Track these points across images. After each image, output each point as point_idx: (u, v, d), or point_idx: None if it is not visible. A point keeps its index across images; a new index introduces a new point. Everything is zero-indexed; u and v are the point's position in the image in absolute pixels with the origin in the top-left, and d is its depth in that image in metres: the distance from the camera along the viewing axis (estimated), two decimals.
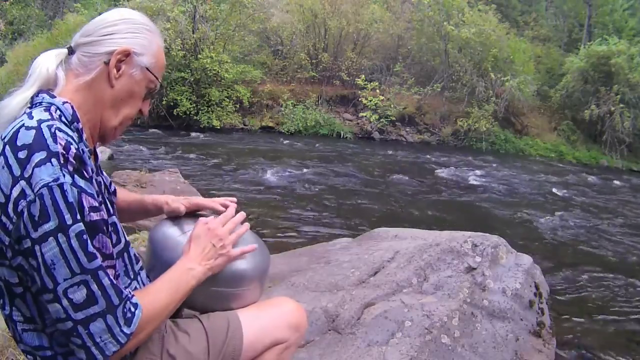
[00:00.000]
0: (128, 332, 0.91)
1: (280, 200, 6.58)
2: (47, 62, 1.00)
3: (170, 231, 1.23)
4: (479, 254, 2.47)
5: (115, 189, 1.30)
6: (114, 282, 0.91)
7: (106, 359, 0.91)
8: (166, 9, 13.38)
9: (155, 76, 1.08)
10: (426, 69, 17.32)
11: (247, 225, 1.24)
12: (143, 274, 1.15)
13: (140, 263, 1.17)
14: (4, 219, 0.87)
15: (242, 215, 1.24)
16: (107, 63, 1.01)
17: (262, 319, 1.21)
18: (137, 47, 1.03)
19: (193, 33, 13.91)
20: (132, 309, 0.93)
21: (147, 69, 1.06)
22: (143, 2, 13.22)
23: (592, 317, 3.81)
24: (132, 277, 1.09)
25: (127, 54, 1.02)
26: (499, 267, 2.47)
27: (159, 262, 1.19)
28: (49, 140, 0.87)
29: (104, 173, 1.26)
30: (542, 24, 22.86)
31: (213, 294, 1.17)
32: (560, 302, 3.95)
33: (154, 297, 1.00)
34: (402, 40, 17.45)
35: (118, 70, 1.02)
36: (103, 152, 8.35)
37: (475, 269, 2.41)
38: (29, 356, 0.99)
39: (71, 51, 1.03)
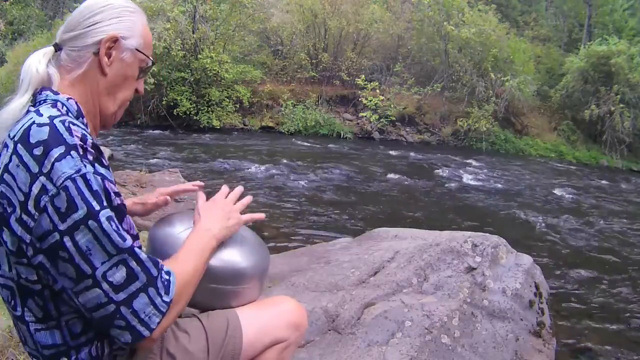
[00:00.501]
0: (168, 299, 0.93)
1: (280, 200, 6.58)
2: (36, 63, 1.00)
3: (170, 228, 1.23)
4: (479, 254, 2.48)
5: None
6: (148, 255, 0.94)
7: (151, 333, 0.92)
8: (166, 9, 13.35)
9: (145, 55, 1.09)
10: (426, 69, 17.31)
11: (249, 197, 1.28)
12: None
13: None
14: (24, 217, 0.87)
15: (240, 189, 1.27)
16: (96, 53, 1.01)
17: (261, 318, 1.21)
18: (123, 31, 1.04)
19: (193, 33, 13.89)
20: (167, 277, 0.95)
21: (137, 49, 1.06)
22: (143, 2, 13.21)
23: (592, 317, 3.81)
24: None
25: (114, 40, 1.02)
26: (499, 267, 2.47)
27: (159, 259, 1.19)
28: (65, 134, 0.88)
29: None
30: (542, 24, 22.85)
31: (212, 291, 1.17)
32: (560, 302, 3.95)
33: (182, 263, 1.02)
34: (402, 40, 17.43)
35: (109, 58, 1.02)
36: (103, 152, 8.35)
37: (475, 269, 2.41)
38: (33, 359, 1.00)
39: (58, 48, 1.03)
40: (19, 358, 1.91)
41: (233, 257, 1.19)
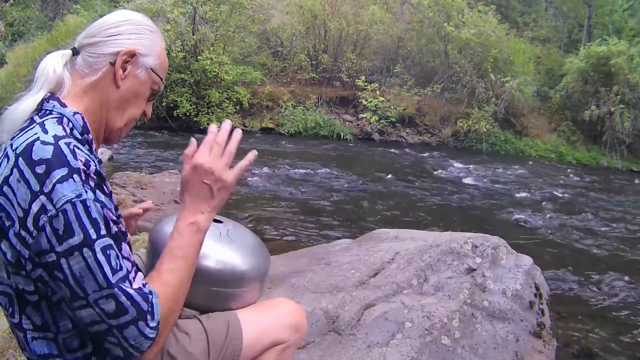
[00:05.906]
0: (154, 324, 0.91)
1: (280, 202, 6.58)
2: (54, 64, 0.99)
3: (171, 230, 1.23)
4: (479, 255, 2.48)
5: None
6: (140, 287, 0.91)
7: (142, 355, 0.92)
8: (166, 10, 13.37)
9: (159, 77, 1.09)
10: (426, 70, 17.31)
11: (238, 134, 1.12)
12: None
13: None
14: (23, 232, 0.86)
15: (227, 126, 1.10)
16: (112, 63, 1.01)
17: (261, 319, 1.21)
18: (141, 48, 1.04)
19: (193, 34, 13.91)
20: (152, 301, 0.92)
21: (151, 69, 1.07)
22: (143, 4, 13.22)
23: (592, 318, 3.80)
24: None
25: (132, 55, 1.03)
26: (499, 268, 2.47)
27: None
28: (69, 157, 0.87)
29: None
30: (542, 24, 22.85)
31: (212, 294, 1.18)
32: (560, 303, 3.95)
33: (165, 275, 0.97)
34: (402, 41, 17.44)
35: (124, 71, 1.02)
36: (103, 153, 8.35)
37: (475, 270, 2.41)
38: None
39: (75, 52, 1.03)
40: (18, 359, 1.91)
41: (233, 259, 1.20)
